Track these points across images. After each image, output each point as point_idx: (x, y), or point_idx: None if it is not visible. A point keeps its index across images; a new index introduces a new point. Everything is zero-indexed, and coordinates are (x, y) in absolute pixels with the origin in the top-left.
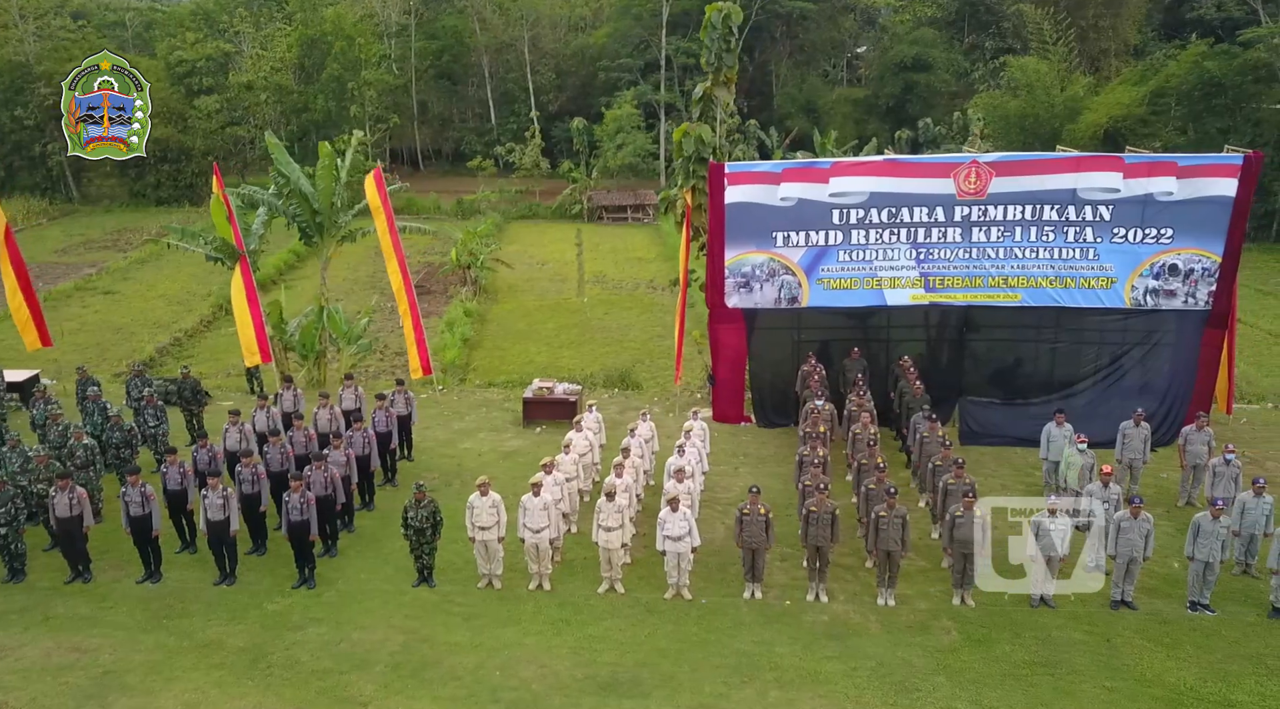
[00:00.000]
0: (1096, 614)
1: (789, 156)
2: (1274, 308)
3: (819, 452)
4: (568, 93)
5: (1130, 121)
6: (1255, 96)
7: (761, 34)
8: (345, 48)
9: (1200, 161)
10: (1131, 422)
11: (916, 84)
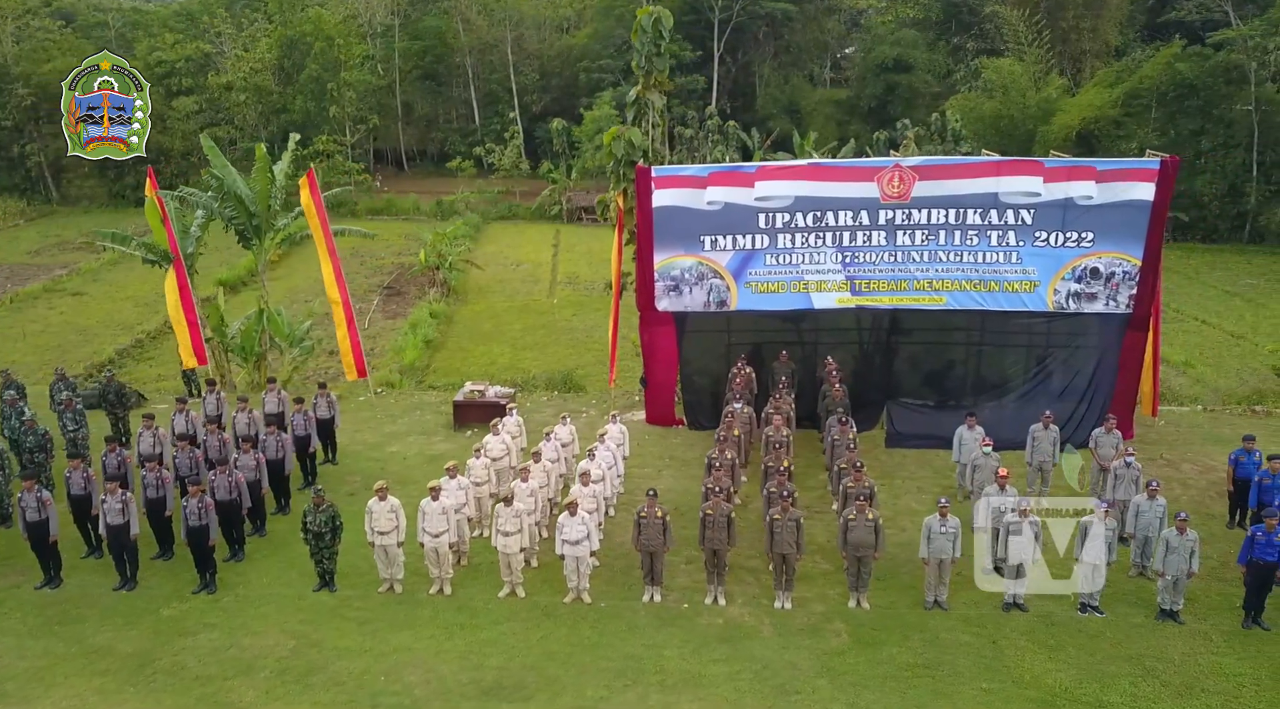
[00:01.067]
0: (988, 616)
1: (769, 157)
2: (1239, 309)
3: (726, 454)
4: (552, 93)
5: (1103, 123)
6: (1227, 98)
7: (744, 35)
8: (325, 48)
9: (1118, 166)
10: (1040, 424)
11: (898, 85)
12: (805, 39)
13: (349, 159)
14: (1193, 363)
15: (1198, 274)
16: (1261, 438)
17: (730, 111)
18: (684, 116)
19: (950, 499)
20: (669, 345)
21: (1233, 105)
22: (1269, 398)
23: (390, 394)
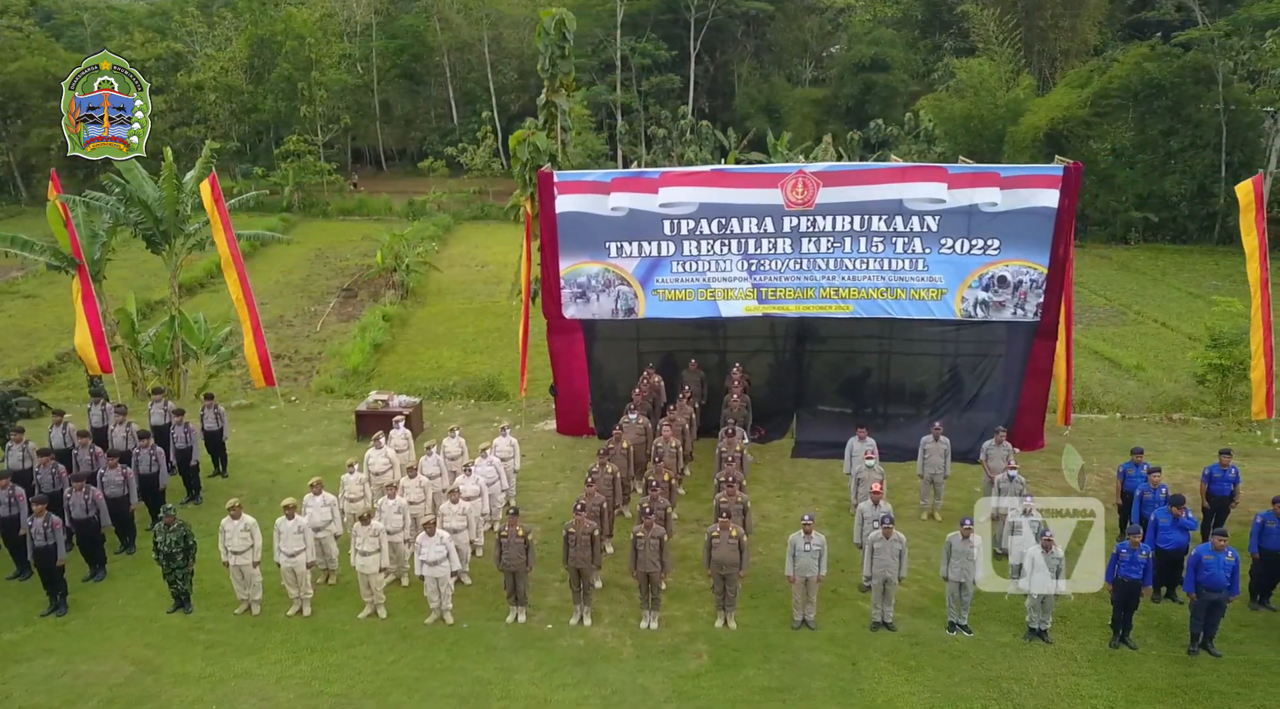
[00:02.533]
0: (854, 636)
1: (744, 157)
2: (1199, 311)
3: (607, 468)
4: (530, 93)
5: (1072, 123)
6: (1196, 98)
7: (722, 34)
8: (296, 47)
9: (1022, 172)
10: (931, 436)
11: (875, 84)
12: (786, 38)
13: (320, 159)
14: (1144, 365)
15: (1164, 275)
16: (1174, 446)
17: (709, 111)
18: (659, 117)
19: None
20: (578, 353)
21: (1200, 105)
22: (1188, 406)
23: (303, 402)
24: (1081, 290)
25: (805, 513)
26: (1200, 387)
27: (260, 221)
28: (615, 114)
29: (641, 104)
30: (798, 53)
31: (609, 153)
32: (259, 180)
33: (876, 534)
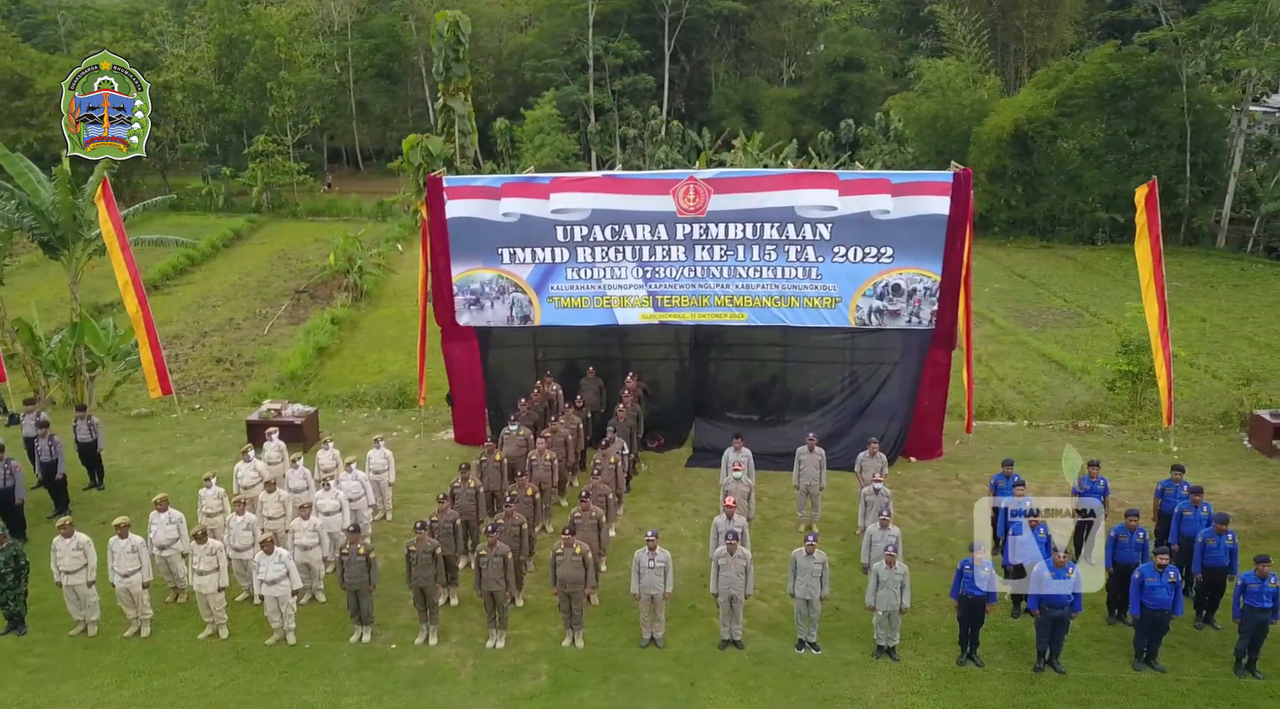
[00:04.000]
0: (699, 655)
1: (716, 158)
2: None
3: (469, 483)
4: (507, 92)
5: (1038, 124)
6: (1160, 98)
7: (698, 34)
8: (265, 47)
9: (912, 179)
10: (805, 447)
11: (850, 84)
12: (763, 38)
13: (291, 159)
14: (1088, 369)
15: (1126, 276)
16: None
17: (686, 110)
18: (630, 117)
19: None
20: (473, 361)
21: (1165, 106)
22: (1095, 413)
23: (206, 411)
24: (1042, 292)
25: (649, 530)
26: (1110, 393)
27: (227, 222)
28: (589, 114)
29: (615, 104)
30: (776, 52)
31: (580, 153)
32: (228, 181)
33: (721, 550)
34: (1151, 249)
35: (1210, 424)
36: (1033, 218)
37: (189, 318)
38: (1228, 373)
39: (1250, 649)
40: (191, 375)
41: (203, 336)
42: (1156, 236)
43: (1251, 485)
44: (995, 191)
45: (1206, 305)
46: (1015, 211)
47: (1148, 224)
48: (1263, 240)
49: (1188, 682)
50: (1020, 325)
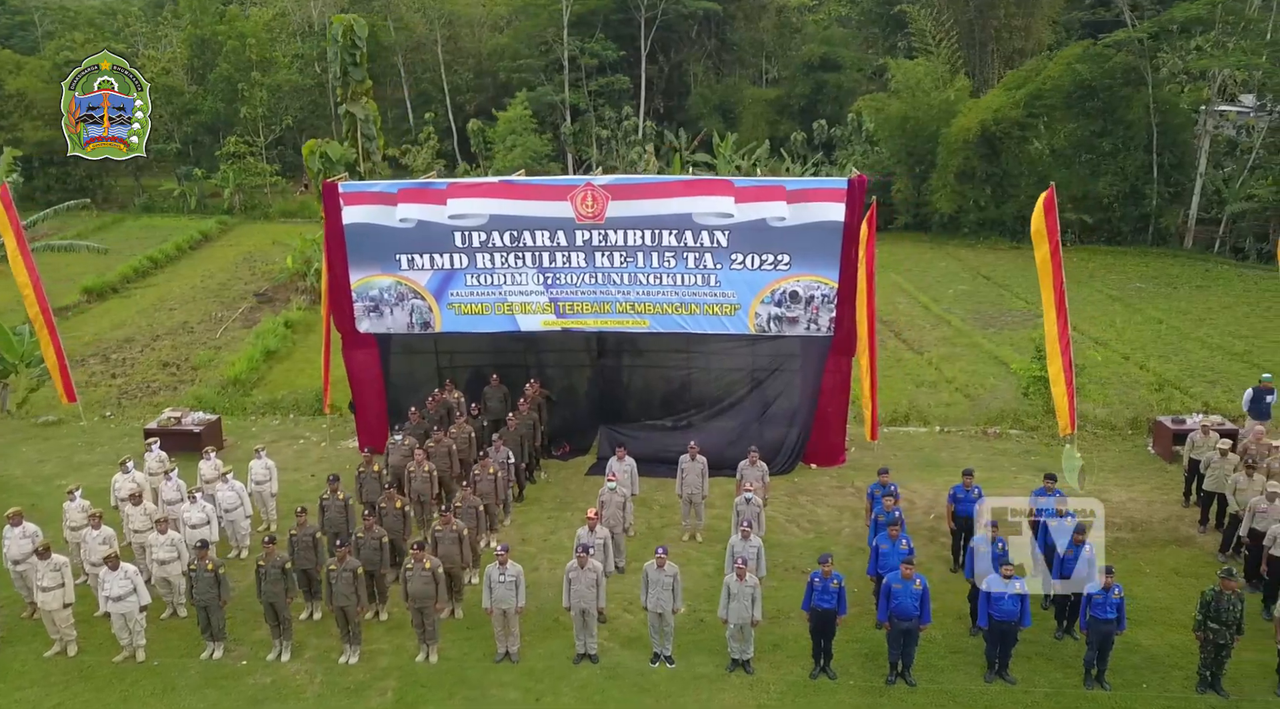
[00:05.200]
0: (552, 670)
1: (691, 158)
2: (1114, 314)
3: (339, 495)
4: (486, 93)
5: (1005, 125)
6: (1126, 100)
7: (676, 34)
8: (237, 47)
9: (807, 186)
10: (688, 455)
11: (826, 84)
12: (743, 38)
13: (264, 160)
14: (1036, 371)
15: (1092, 277)
16: (976, 461)
17: (665, 111)
18: (604, 118)
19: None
20: (374, 369)
21: (1131, 107)
22: (1007, 419)
23: (116, 418)
24: (1005, 294)
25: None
26: (1025, 398)
27: (197, 224)
28: (565, 115)
29: (591, 105)
30: (756, 53)
31: (553, 155)
32: (200, 182)
33: (573, 563)
34: (1051, 255)
35: (1120, 429)
36: (1002, 219)
37: (143, 321)
38: (1175, 375)
39: (1099, 660)
40: (135, 380)
41: (153, 340)
42: (1056, 243)
43: (1145, 492)
44: (964, 192)
45: (1166, 306)
46: (985, 213)
47: (1046, 229)
48: (1229, 241)
49: (1035, 694)
50: (978, 327)
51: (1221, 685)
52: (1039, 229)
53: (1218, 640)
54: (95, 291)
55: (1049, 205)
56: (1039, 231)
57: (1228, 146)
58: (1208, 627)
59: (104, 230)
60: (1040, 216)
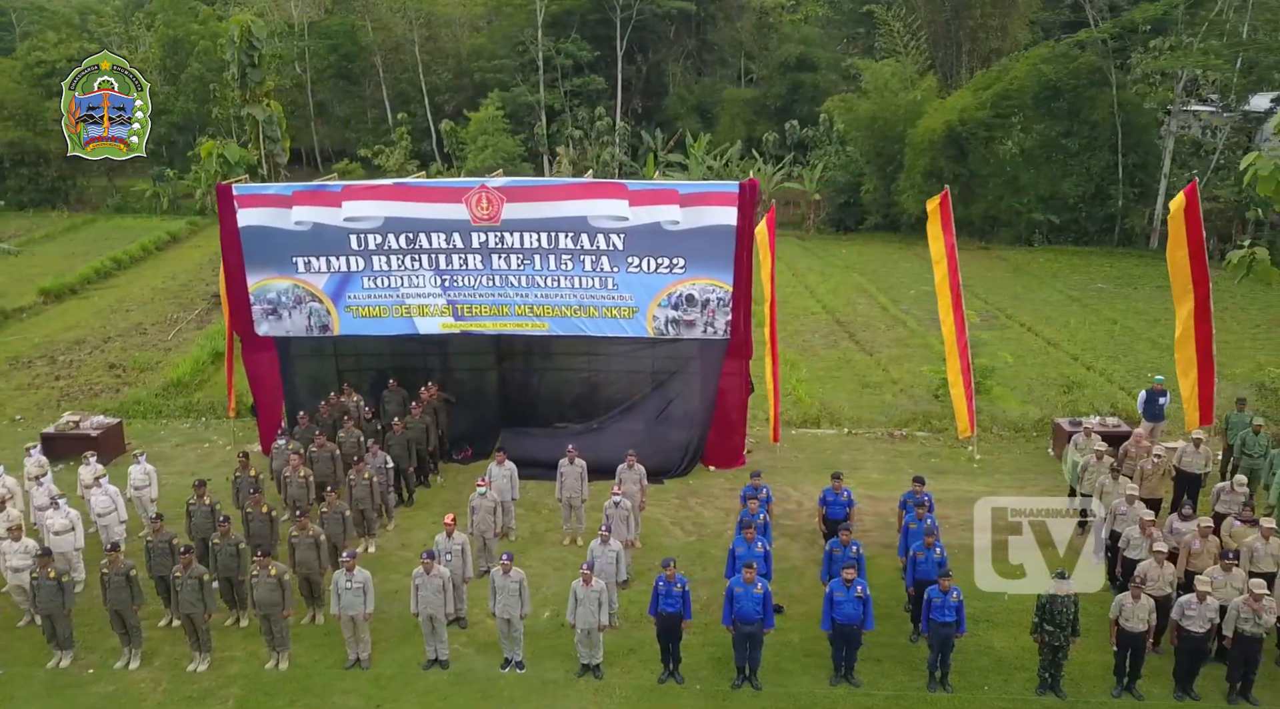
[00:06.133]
0: (401, 676)
1: (664, 158)
2: (1071, 314)
3: (204, 501)
4: (466, 93)
5: (972, 125)
6: (1091, 100)
7: (654, 34)
8: (209, 47)
9: (699, 189)
10: (566, 458)
11: (803, 84)
12: (721, 38)
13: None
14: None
15: (1055, 277)
16: (873, 464)
17: (643, 111)
18: (578, 118)
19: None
20: (274, 372)
21: (1096, 107)
22: (917, 421)
23: (26, 422)
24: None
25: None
26: (935, 400)
27: (168, 225)
28: (540, 116)
29: (567, 105)
30: (734, 53)
31: (524, 155)
32: (173, 182)
33: (419, 569)
34: (946, 257)
35: (1026, 431)
36: (970, 219)
37: (97, 322)
38: (1121, 376)
39: (941, 663)
40: (79, 382)
41: (104, 342)
42: (951, 245)
43: (1034, 493)
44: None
45: (1124, 307)
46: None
47: (942, 231)
48: None
49: (877, 697)
50: (932, 328)
51: (1060, 687)
52: (934, 232)
53: (1053, 643)
54: (53, 293)
55: (943, 207)
56: (934, 234)
57: (1193, 147)
58: (1043, 629)
59: (74, 231)
60: (935, 219)
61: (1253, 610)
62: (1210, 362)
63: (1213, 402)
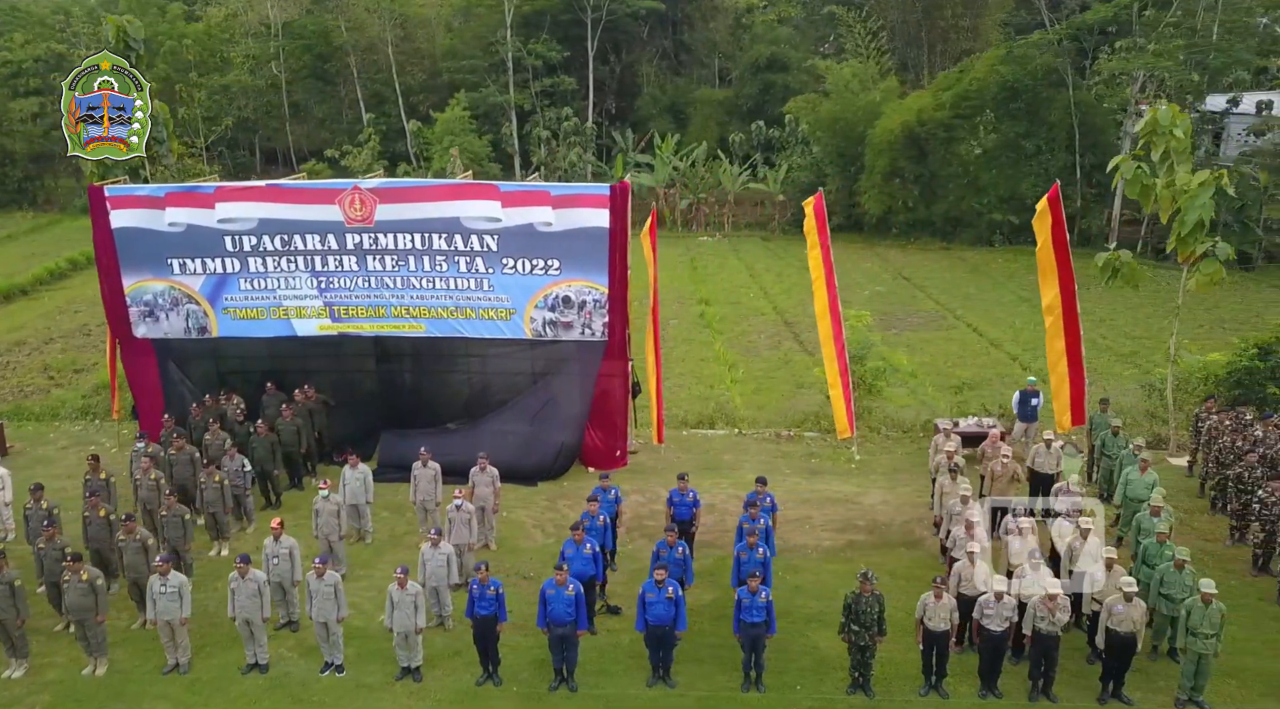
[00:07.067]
0: (220, 681)
1: (630, 159)
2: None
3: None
4: (440, 93)
5: (931, 126)
6: (1048, 101)
7: (626, 35)
8: (175, 48)
9: (571, 191)
10: (420, 462)
11: (774, 84)
12: (695, 39)
13: (204, 161)
14: (918, 374)
15: (1010, 278)
16: (749, 465)
17: (616, 112)
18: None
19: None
20: (153, 373)
21: (1053, 108)
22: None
23: None
24: (918, 295)
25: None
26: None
27: None
28: (510, 116)
29: (538, 106)
30: (709, 53)
31: (492, 156)
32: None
33: (234, 573)
34: (823, 260)
35: (913, 432)
36: (931, 219)
37: (42, 324)
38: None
39: (755, 664)
40: (11, 384)
41: (45, 344)
42: (826, 247)
43: (905, 495)
44: (892, 193)
45: None
46: (914, 213)
47: (817, 232)
48: (1150, 242)
49: (690, 698)
50: (880, 329)
51: (870, 686)
52: (811, 236)
53: (859, 642)
54: (2, 294)
55: (818, 209)
56: (811, 238)
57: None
58: (849, 629)
59: (38, 232)
60: (811, 221)
61: (1048, 610)
62: (1080, 362)
63: (1084, 402)
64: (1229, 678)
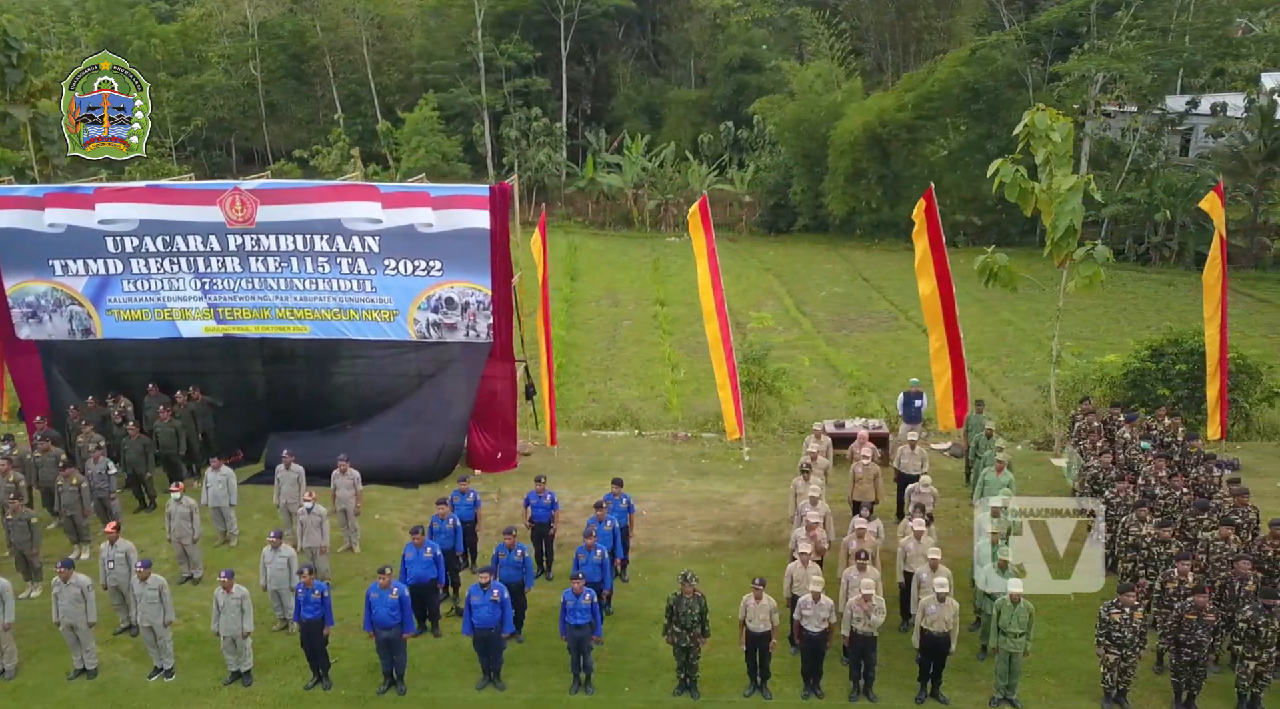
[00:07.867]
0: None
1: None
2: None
3: None
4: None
5: (893, 127)
6: (1009, 102)
7: (600, 35)
8: (143, 47)
9: (450, 192)
10: (281, 464)
11: (747, 85)
12: (670, 39)
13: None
14: (855, 374)
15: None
16: (639, 466)
17: (591, 112)
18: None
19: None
20: (37, 375)
21: (1013, 109)
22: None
23: None
24: (875, 295)
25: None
26: None
27: None
28: (482, 116)
29: (511, 106)
30: (684, 54)
31: (462, 156)
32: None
33: (56, 579)
34: (710, 265)
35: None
36: (895, 220)
37: None
38: (995, 377)
39: (583, 665)
40: None
41: None
42: (713, 250)
43: (780, 496)
44: (855, 194)
45: (1024, 308)
46: (878, 214)
47: (703, 231)
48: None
49: (517, 700)
50: (831, 329)
51: (696, 687)
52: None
53: (681, 643)
54: None
55: (703, 210)
56: (697, 240)
57: (1110, 150)
58: (672, 630)
59: None
60: (696, 223)
61: (863, 611)
62: (961, 363)
63: (966, 403)
64: (1049, 676)
